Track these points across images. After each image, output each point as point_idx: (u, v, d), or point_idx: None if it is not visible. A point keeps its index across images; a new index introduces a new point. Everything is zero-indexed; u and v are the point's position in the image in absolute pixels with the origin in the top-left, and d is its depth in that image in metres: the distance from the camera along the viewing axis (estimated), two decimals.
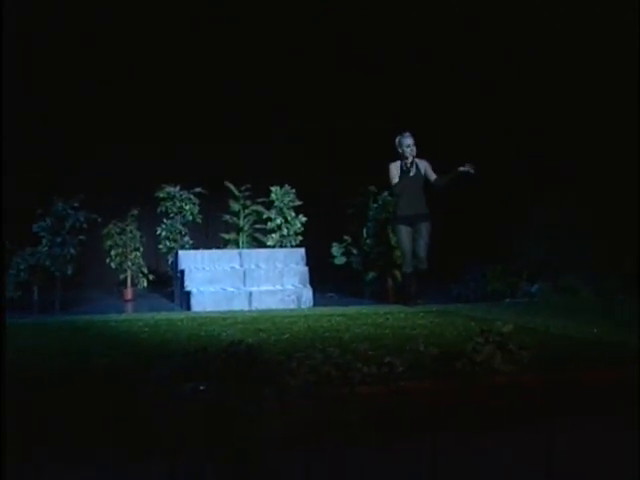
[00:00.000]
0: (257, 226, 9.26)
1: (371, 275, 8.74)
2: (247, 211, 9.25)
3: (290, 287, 8.06)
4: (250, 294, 7.85)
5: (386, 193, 8.68)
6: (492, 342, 3.72)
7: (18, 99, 8.63)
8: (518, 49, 9.55)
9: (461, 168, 7.58)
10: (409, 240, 7.71)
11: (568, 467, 3.76)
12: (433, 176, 7.80)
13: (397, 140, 7.81)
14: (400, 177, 7.75)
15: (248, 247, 9.01)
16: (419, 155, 7.83)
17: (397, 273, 8.40)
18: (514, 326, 4.48)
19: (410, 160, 7.74)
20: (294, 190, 8.98)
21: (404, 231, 7.71)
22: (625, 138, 8.32)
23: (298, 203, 8.97)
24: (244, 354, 3.51)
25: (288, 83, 10.53)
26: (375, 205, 8.86)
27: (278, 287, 8.05)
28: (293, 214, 8.90)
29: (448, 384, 3.50)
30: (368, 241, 8.78)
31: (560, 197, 8.92)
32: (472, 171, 7.54)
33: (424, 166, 7.82)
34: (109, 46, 9.79)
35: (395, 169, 7.78)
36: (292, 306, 7.77)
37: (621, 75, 8.20)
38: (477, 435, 3.56)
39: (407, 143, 7.75)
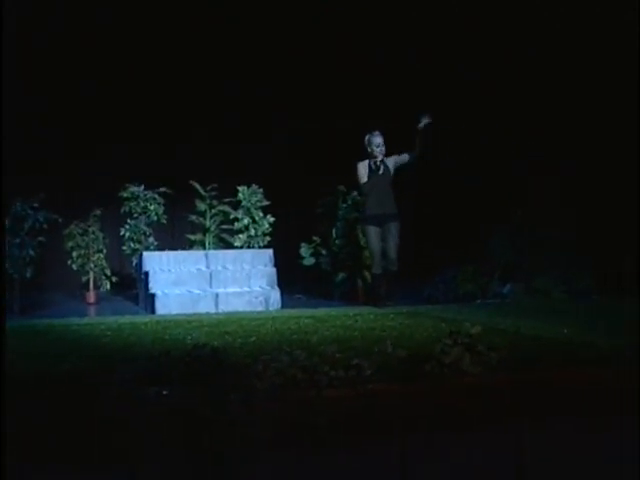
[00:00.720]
0: (224, 226, 9.23)
1: (340, 276, 8.77)
2: (214, 211, 9.23)
3: (258, 289, 8.06)
4: (216, 296, 7.83)
5: (355, 193, 8.73)
6: (461, 344, 3.76)
7: None
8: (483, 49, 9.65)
9: (420, 125, 7.65)
10: (378, 240, 7.77)
11: (538, 468, 3.81)
12: (405, 156, 7.84)
13: (367, 138, 7.86)
14: (369, 176, 7.81)
15: (215, 248, 8.98)
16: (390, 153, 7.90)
17: (367, 274, 8.45)
18: (484, 327, 4.55)
19: (380, 159, 7.80)
20: (262, 190, 8.98)
21: (373, 231, 7.77)
22: (609, 139, 8.37)
23: (266, 203, 8.97)
24: (208, 357, 3.52)
25: (258, 83, 10.53)
26: (344, 205, 8.90)
27: (245, 289, 8.04)
28: (261, 214, 8.89)
29: (416, 386, 3.53)
30: (337, 241, 8.81)
31: (533, 197, 9.02)
32: (429, 120, 7.61)
33: (392, 162, 7.87)
34: (74, 43, 9.75)
35: (363, 168, 7.84)
36: (260, 308, 7.77)
37: (617, 76, 8.21)
38: (446, 437, 3.60)
39: (377, 142, 7.80)
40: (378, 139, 7.81)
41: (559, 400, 3.78)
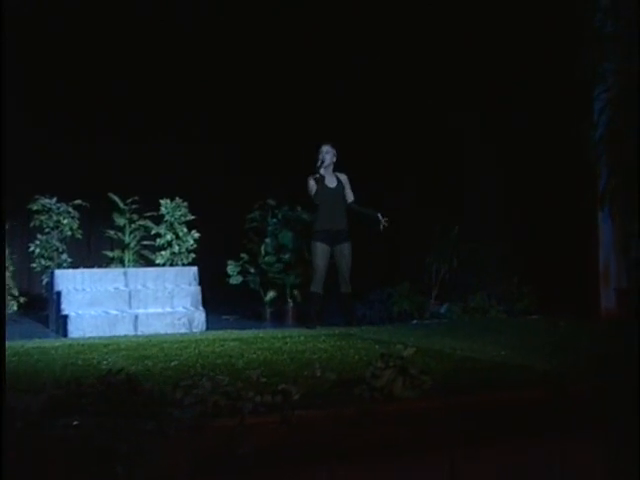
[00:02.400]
0: (145, 242, 9.15)
1: (270, 295, 8.77)
2: (134, 226, 9.13)
3: (181, 309, 8.00)
4: (136, 317, 7.73)
5: (286, 207, 8.79)
6: (393, 366, 3.80)
7: None
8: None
9: (379, 217, 7.89)
10: (324, 259, 7.76)
11: None
12: (350, 197, 7.96)
13: (318, 153, 7.96)
14: (320, 187, 7.83)
15: (134, 266, 8.88)
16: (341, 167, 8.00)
17: (297, 293, 8.46)
18: (419, 349, 4.61)
19: (327, 163, 7.84)
20: (186, 204, 8.93)
21: (320, 248, 7.76)
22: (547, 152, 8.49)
23: (191, 218, 8.92)
24: (123, 384, 3.46)
25: (185, 90, 10.50)
26: (274, 220, 8.92)
27: (167, 309, 7.97)
28: (185, 230, 8.84)
29: (345, 412, 3.55)
30: (266, 259, 8.81)
31: (473, 213, 9.19)
32: (382, 226, 7.88)
33: (344, 180, 7.97)
34: None
35: (314, 180, 7.85)
36: (183, 330, 7.70)
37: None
38: (375, 465, 3.63)
39: (325, 150, 7.88)
40: (325, 147, 7.91)
41: (493, 424, 3.86)
